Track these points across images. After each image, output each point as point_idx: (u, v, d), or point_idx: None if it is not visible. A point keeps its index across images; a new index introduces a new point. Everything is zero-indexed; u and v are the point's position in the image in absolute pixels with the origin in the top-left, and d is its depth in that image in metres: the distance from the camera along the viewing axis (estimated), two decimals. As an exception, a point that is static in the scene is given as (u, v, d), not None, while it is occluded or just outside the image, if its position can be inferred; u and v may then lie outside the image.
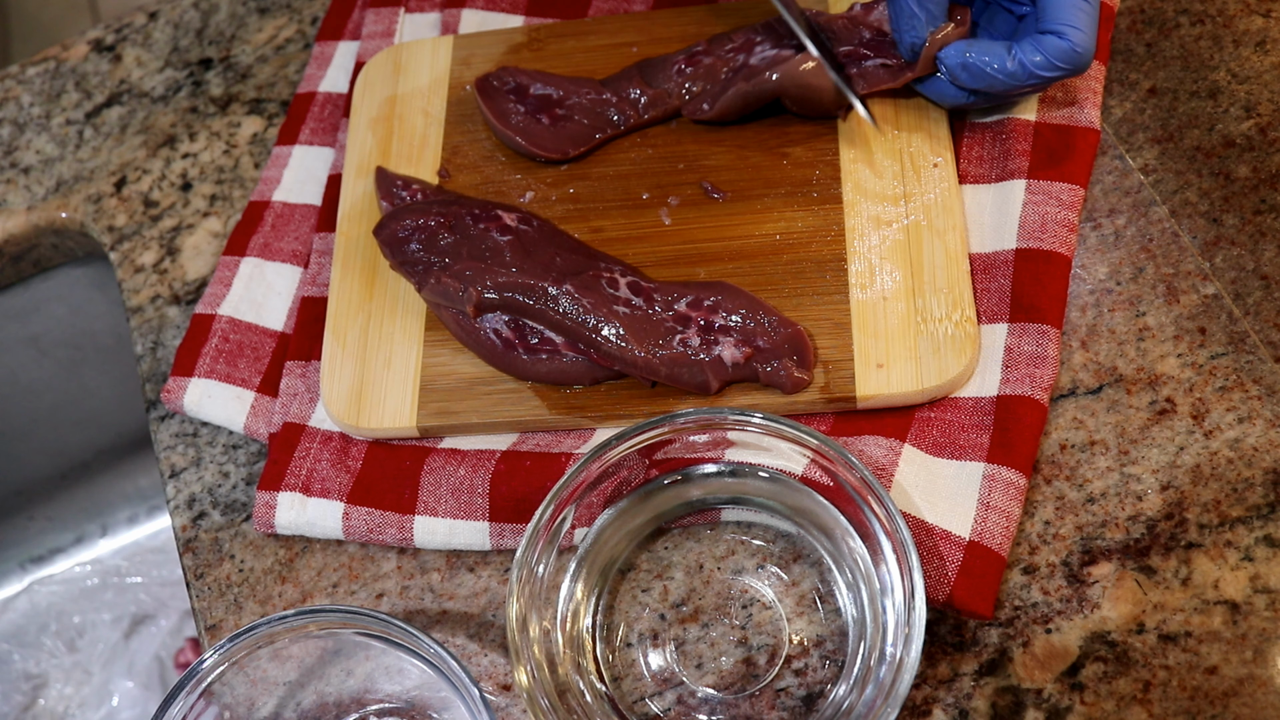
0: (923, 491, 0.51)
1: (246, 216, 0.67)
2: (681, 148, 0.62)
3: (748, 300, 0.55)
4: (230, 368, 0.62)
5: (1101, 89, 0.59)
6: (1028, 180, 0.57)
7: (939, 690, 0.49)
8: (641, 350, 0.54)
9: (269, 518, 0.57)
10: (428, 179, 0.63)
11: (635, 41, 0.65)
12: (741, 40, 0.62)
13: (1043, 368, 0.53)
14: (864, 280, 0.56)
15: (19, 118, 0.78)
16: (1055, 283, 0.55)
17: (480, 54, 0.67)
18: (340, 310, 0.61)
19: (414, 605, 0.56)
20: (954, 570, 0.49)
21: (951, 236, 0.56)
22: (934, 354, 0.53)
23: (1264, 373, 0.52)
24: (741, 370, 0.54)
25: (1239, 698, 0.47)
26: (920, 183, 0.57)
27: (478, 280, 0.56)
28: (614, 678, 0.52)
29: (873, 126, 0.59)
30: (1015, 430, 0.52)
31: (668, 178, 0.61)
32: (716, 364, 0.54)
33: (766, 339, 0.54)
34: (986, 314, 0.55)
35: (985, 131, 0.59)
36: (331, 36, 0.73)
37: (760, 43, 0.61)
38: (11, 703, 0.99)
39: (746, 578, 0.53)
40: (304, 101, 0.70)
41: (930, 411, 0.54)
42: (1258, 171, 0.57)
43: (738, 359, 0.54)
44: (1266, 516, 0.50)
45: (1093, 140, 0.58)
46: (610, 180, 0.61)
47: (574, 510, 0.51)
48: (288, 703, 0.55)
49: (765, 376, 0.54)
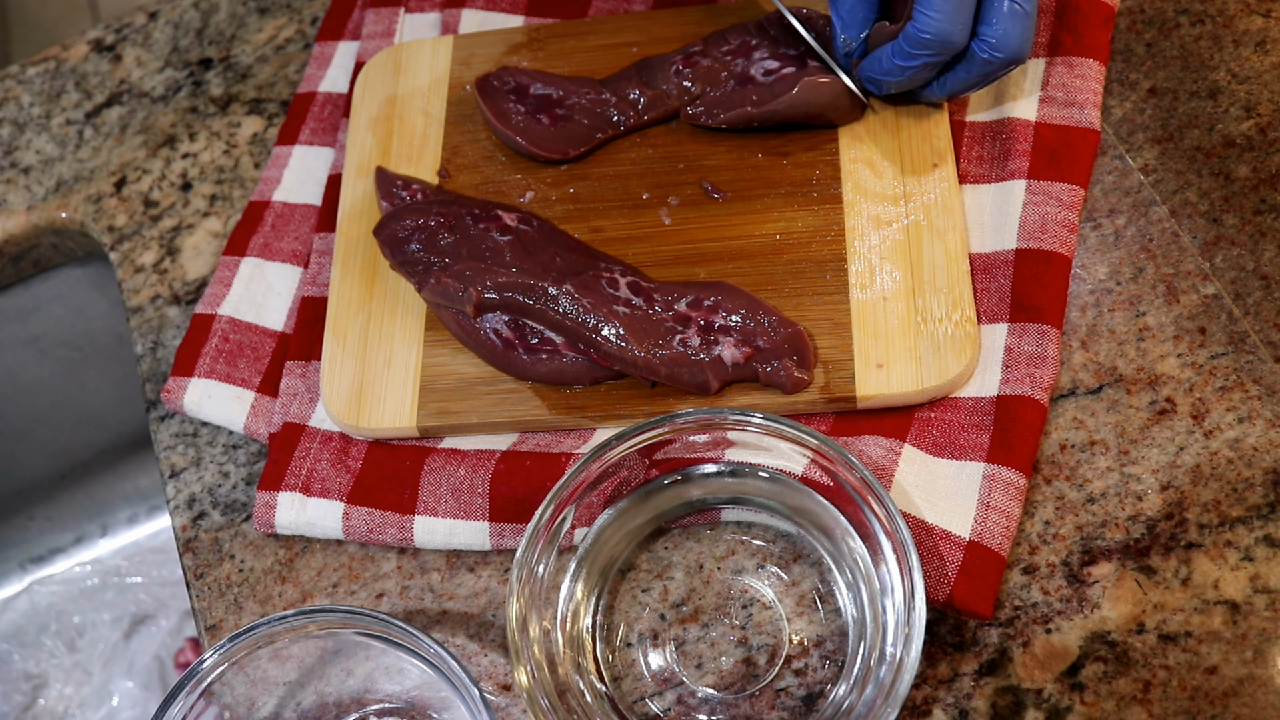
0: (923, 491, 0.51)
1: (246, 216, 0.67)
2: (681, 148, 0.62)
3: (748, 300, 0.55)
4: (230, 368, 0.62)
5: (1101, 89, 0.59)
6: (1028, 180, 0.57)
7: (939, 690, 0.49)
8: (641, 350, 0.54)
9: (269, 518, 0.57)
10: (428, 179, 0.63)
11: (635, 41, 0.65)
12: (738, 43, 0.62)
13: (1043, 368, 0.53)
14: (864, 280, 0.56)
15: (19, 118, 0.78)
16: (1055, 283, 0.55)
17: (480, 54, 0.67)
18: (340, 310, 0.61)
19: (414, 605, 0.56)
20: (954, 570, 0.49)
21: (951, 236, 0.56)
22: (934, 354, 0.53)
23: (1264, 373, 0.52)
24: (741, 370, 0.54)
25: (1239, 698, 0.47)
26: (920, 183, 0.57)
27: (478, 280, 0.56)
28: (614, 678, 0.52)
29: (875, 104, 0.60)
30: (1015, 430, 0.52)
31: (668, 178, 0.61)
32: (716, 364, 0.54)
33: (766, 339, 0.54)
34: (986, 314, 0.55)
35: (985, 132, 0.59)
36: (331, 36, 0.73)
37: (756, 46, 0.61)
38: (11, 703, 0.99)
39: (746, 578, 0.53)
40: (304, 101, 0.70)
41: (930, 411, 0.54)
42: (1258, 171, 0.57)
43: (738, 359, 0.54)
44: (1266, 516, 0.50)
45: (1093, 141, 0.58)
46: (610, 180, 0.61)
47: (574, 510, 0.51)
48: (288, 703, 0.55)
49: (765, 376, 0.54)
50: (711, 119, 0.60)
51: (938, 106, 0.59)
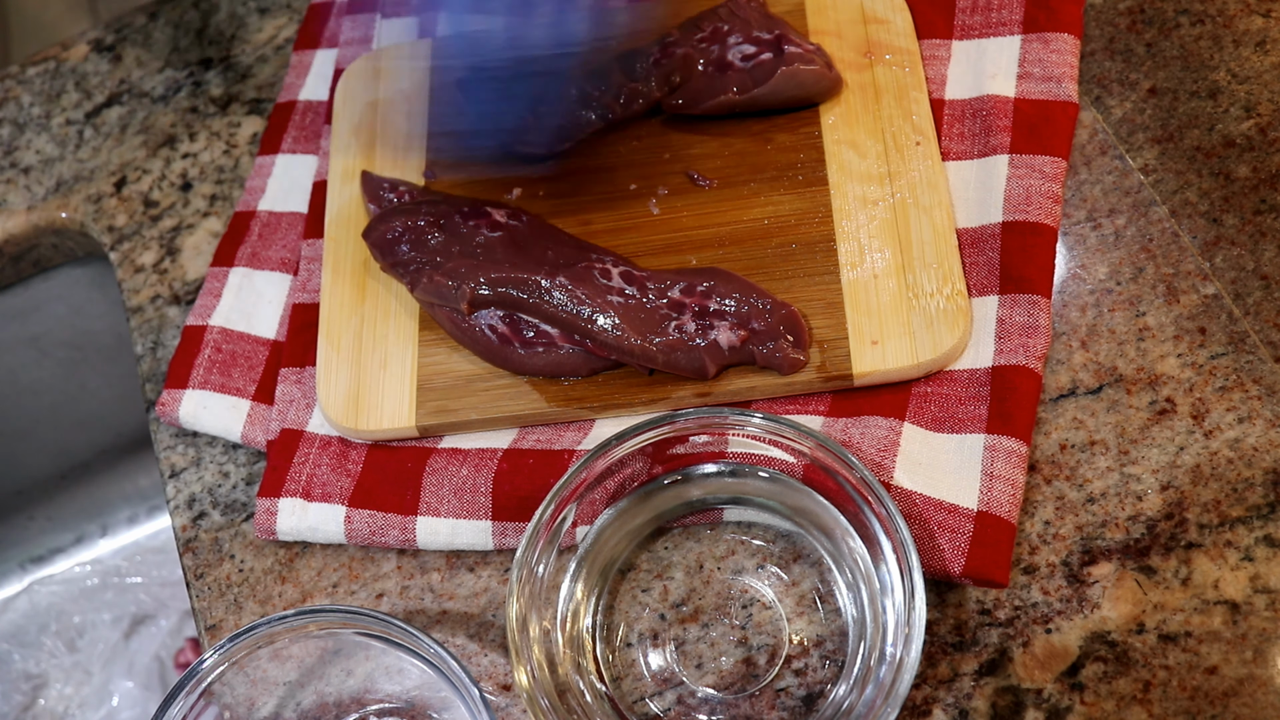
0: (926, 469, 0.52)
1: (232, 227, 0.67)
2: (666, 138, 0.62)
3: (741, 284, 0.55)
4: (224, 378, 0.62)
5: (1077, 63, 0.60)
6: (1010, 155, 0.58)
7: (939, 690, 0.49)
8: (638, 338, 0.54)
9: (270, 524, 0.57)
10: (414, 180, 0.63)
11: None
12: (710, 29, 0.62)
13: (1035, 337, 0.53)
14: (854, 259, 0.56)
15: (19, 118, 0.78)
16: (1043, 253, 0.55)
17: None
18: (333, 315, 0.61)
19: (414, 605, 0.56)
20: (966, 542, 0.49)
21: (938, 213, 0.56)
22: (927, 328, 0.54)
23: (1264, 373, 0.52)
24: (738, 353, 0.54)
25: (1239, 698, 0.47)
26: (904, 161, 0.58)
27: (470, 277, 0.56)
28: (614, 678, 0.52)
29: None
30: (1012, 400, 0.52)
31: (654, 168, 0.61)
32: (713, 348, 0.54)
33: (761, 321, 0.54)
34: (977, 287, 0.55)
35: (965, 109, 0.60)
36: (309, 45, 0.73)
37: (730, 31, 0.62)
38: (11, 703, 0.99)
39: (746, 578, 0.53)
40: (284, 110, 0.71)
41: (927, 386, 0.54)
42: (1258, 171, 0.57)
43: (734, 342, 0.54)
44: (1266, 516, 0.50)
45: (1071, 113, 0.59)
46: (596, 174, 0.62)
47: (575, 509, 0.51)
48: (288, 703, 0.55)
49: (762, 358, 0.54)
50: (693, 108, 0.61)
51: (917, 87, 0.60)
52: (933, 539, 0.50)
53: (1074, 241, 0.57)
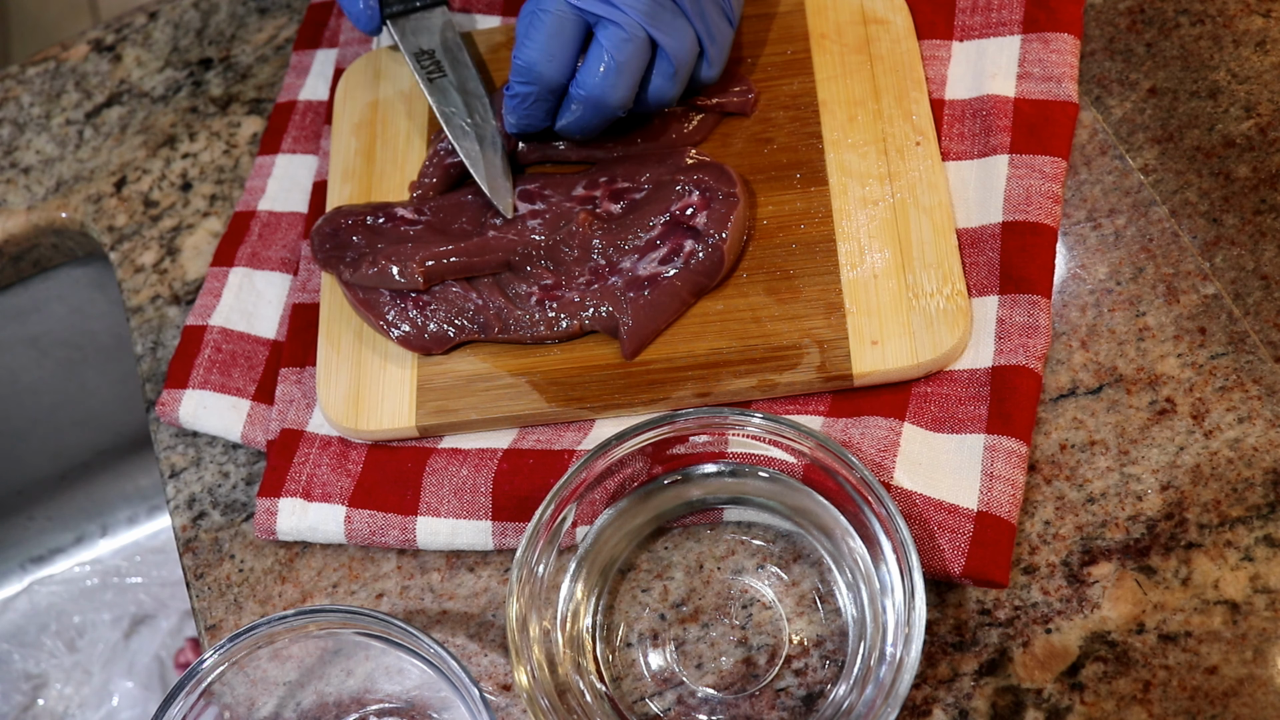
0: (926, 469, 0.52)
1: (232, 227, 0.67)
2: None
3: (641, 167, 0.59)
4: (224, 378, 0.62)
5: (1077, 62, 0.60)
6: (1010, 155, 0.58)
7: (939, 690, 0.49)
8: (575, 294, 0.57)
9: (270, 524, 0.57)
10: (412, 180, 0.63)
11: None
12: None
13: (1035, 337, 0.53)
14: (854, 259, 0.56)
15: (19, 118, 0.78)
16: (1043, 253, 0.55)
17: None
18: (333, 315, 0.61)
19: (414, 605, 0.56)
20: (966, 542, 0.49)
21: (938, 213, 0.56)
22: (927, 328, 0.54)
23: (1264, 373, 0.52)
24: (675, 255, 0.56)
25: (1239, 698, 0.47)
26: (904, 161, 0.58)
27: (414, 255, 0.57)
28: (614, 678, 0.52)
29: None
30: (1012, 400, 0.52)
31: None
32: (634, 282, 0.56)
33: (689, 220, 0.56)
34: (976, 287, 0.55)
35: (965, 109, 0.60)
36: (308, 45, 0.73)
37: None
38: (11, 703, 0.99)
39: (746, 578, 0.53)
40: (284, 110, 0.71)
41: (927, 386, 0.54)
42: (1258, 171, 0.57)
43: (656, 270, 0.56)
44: (1266, 516, 0.50)
45: (1071, 113, 0.59)
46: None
47: (575, 509, 0.51)
48: (288, 703, 0.55)
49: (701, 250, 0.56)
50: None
51: (917, 87, 0.60)
52: (933, 539, 0.50)
53: (1074, 241, 0.57)
